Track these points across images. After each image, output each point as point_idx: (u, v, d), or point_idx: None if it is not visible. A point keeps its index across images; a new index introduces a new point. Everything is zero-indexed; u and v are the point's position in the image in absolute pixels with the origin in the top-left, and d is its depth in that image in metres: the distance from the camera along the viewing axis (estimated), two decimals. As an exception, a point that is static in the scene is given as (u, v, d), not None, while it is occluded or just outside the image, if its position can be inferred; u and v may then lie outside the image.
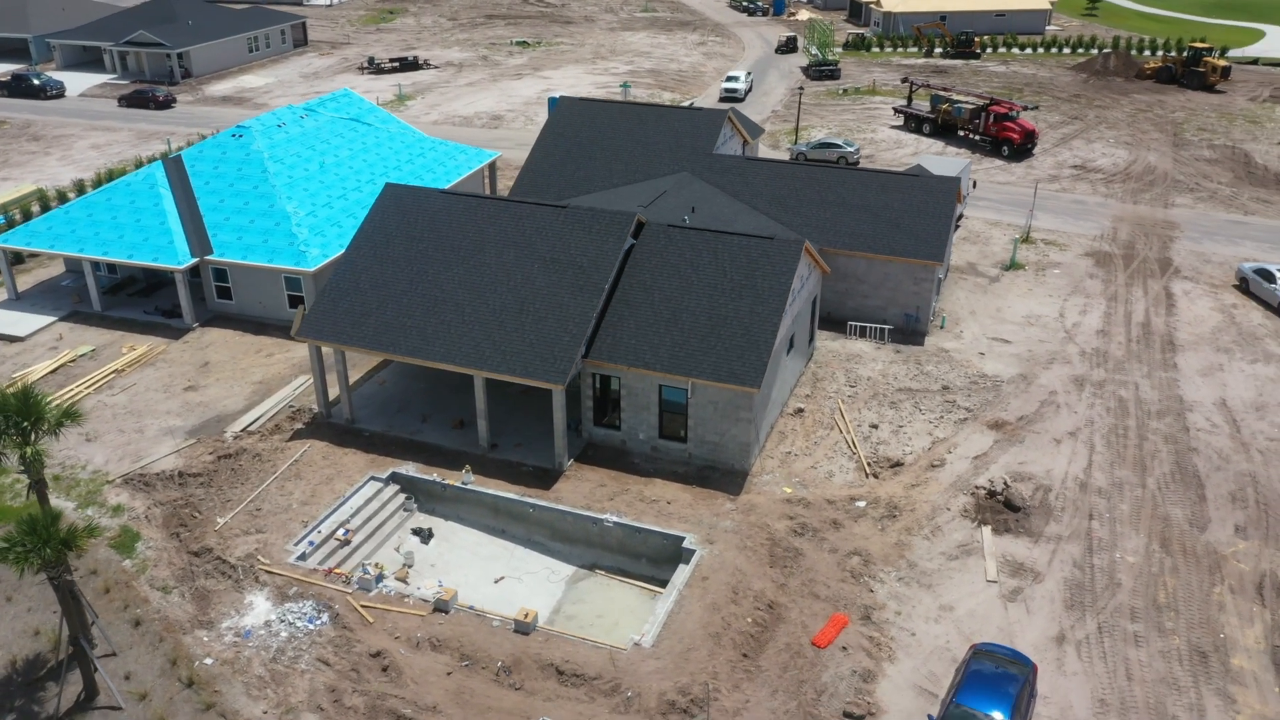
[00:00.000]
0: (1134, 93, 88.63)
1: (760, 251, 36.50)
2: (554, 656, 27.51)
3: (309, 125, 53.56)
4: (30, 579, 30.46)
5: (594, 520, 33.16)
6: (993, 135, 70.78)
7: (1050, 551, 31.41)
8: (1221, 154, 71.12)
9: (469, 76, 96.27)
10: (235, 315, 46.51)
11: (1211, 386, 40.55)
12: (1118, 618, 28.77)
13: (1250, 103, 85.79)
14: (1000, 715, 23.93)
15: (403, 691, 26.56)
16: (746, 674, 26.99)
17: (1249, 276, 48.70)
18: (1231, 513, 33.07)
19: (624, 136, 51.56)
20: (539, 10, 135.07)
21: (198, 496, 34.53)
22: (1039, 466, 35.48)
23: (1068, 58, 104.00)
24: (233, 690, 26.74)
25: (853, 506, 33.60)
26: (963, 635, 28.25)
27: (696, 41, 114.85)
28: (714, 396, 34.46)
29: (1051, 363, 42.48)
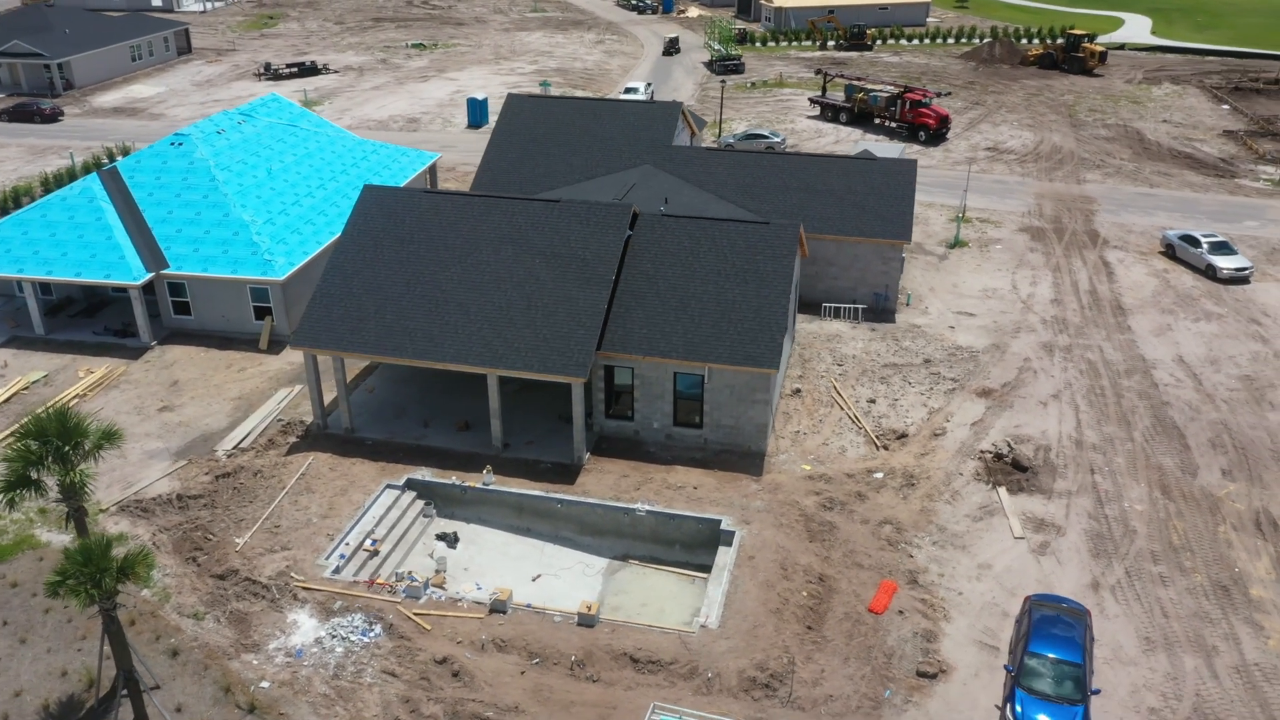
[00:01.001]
0: (1022, 78, 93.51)
1: (759, 236, 37.16)
2: (624, 646, 27.46)
3: (249, 131, 51.44)
4: (41, 618, 28.61)
5: (626, 510, 33.16)
6: (909, 121, 73.58)
7: (1064, 506, 33.15)
8: (1116, 132, 75.91)
9: (372, 80, 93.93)
10: (195, 331, 44.32)
11: (1166, 345, 43.41)
12: (1141, 561, 30.64)
13: (1128, 84, 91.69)
14: (1074, 659, 25.22)
15: (479, 694, 26.06)
16: (815, 645, 27.57)
17: (1174, 243, 52.25)
18: (1215, 458, 35.58)
19: (579, 131, 51.47)
20: (426, 12, 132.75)
21: (204, 518, 32.91)
22: (1034, 428, 37.33)
23: (953, 47, 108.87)
24: (299, 711, 25.69)
25: (872, 478, 34.64)
26: (1006, 590, 29.56)
27: (594, 40, 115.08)
28: (730, 380, 34.92)
29: (1018, 332, 44.67)
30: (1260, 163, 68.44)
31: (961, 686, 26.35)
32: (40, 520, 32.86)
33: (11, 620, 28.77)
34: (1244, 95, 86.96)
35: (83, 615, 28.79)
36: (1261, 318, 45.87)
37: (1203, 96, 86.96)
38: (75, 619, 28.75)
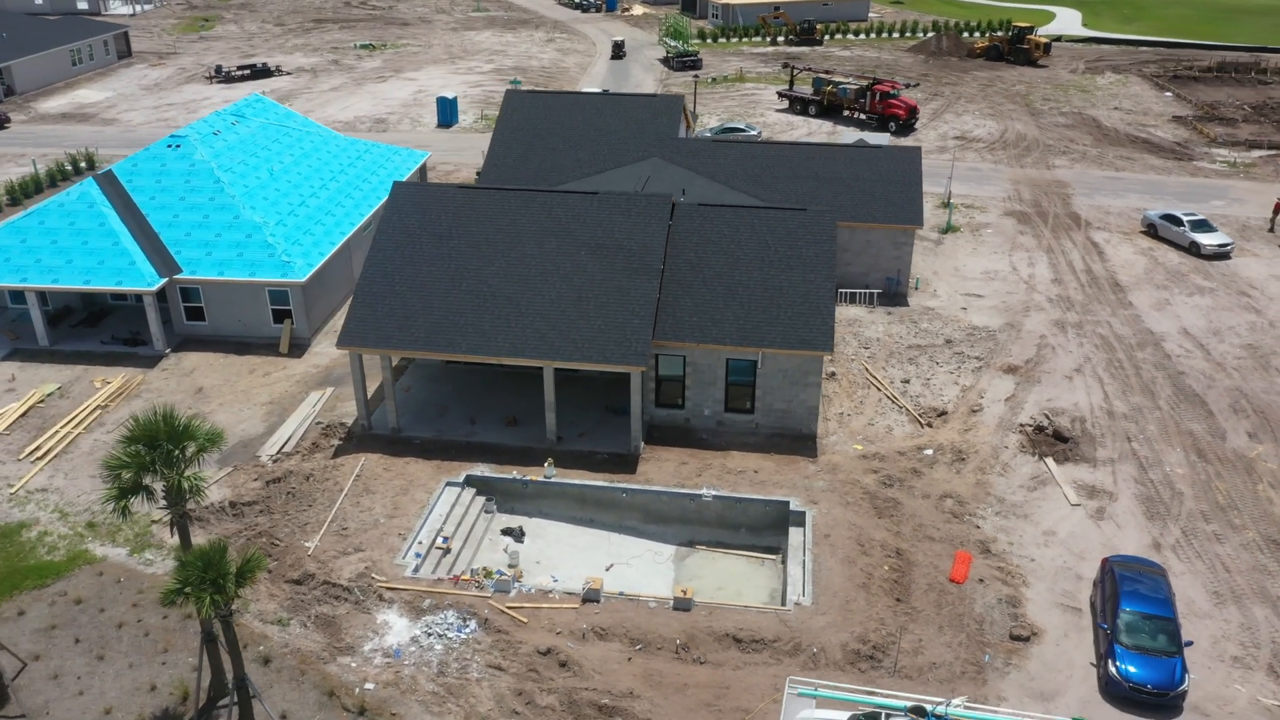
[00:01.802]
0: (972, 70, 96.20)
1: (797, 223, 37.74)
2: (725, 627, 27.72)
3: (244, 132, 50.15)
4: (114, 634, 27.67)
5: (692, 496, 33.40)
6: (879, 113, 75.18)
7: (1110, 473, 34.46)
8: (1073, 120, 78.72)
9: (329, 81, 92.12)
10: (209, 337, 43.08)
11: (1168, 319, 45.34)
12: (1193, 521, 32.05)
13: (1072, 74, 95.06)
14: (1166, 614, 26.34)
15: (590, 683, 26.05)
16: (908, 616, 28.21)
17: (1156, 222, 54.51)
18: (1239, 422, 37.36)
19: (583, 126, 51.45)
20: (367, 13, 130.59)
21: (264, 524, 32.14)
22: (1065, 401, 38.67)
23: (899, 41, 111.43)
24: (411, 710, 25.34)
25: (923, 455, 35.49)
26: (1074, 555, 30.64)
27: (545, 39, 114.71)
28: (783, 364, 35.42)
29: (1028, 311, 46.14)
30: (1213, 146, 71.76)
31: (1054, 647, 27.28)
32: (90, 534, 31.72)
33: (84, 637, 27.74)
34: (1184, 83, 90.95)
35: (162, 628, 27.97)
36: (1250, 290, 48.23)
37: (1145, 85, 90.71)
38: (152, 632, 27.90)
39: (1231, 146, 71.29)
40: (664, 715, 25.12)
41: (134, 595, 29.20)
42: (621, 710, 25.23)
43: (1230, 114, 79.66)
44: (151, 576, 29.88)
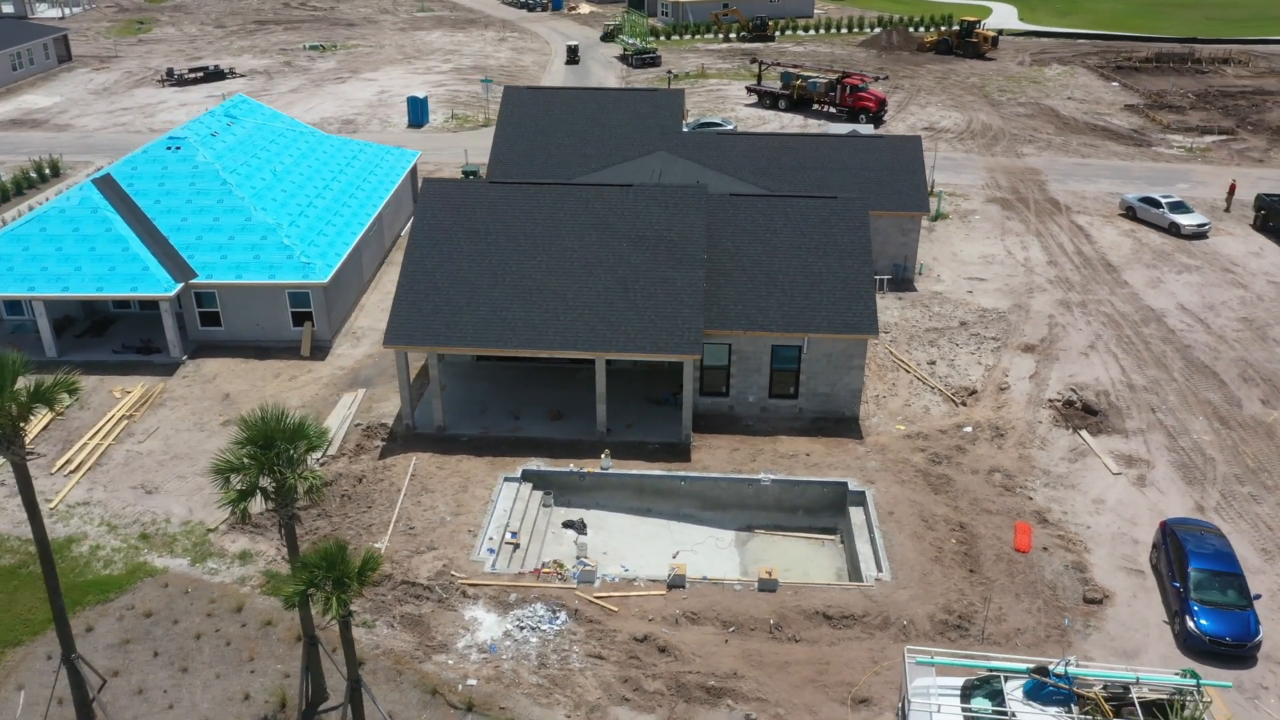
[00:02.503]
0: (925, 63, 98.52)
1: (830, 211, 38.43)
2: (813, 605, 28.21)
3: (240, 133, 49.00)
4: (194, 645, 26.99)
5: (749, 481, 33.83)
6: (849, 106, 76.63)
7: (1143, 442, 35.90)
8: (1032, 110, 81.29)
9: (287, 83, 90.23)
10: (226, 342, 42.04)
11: (1164, 296, 47.31)
12: (1229, 484, 33.61)
13: (1020, 66, 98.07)
14: (1234, 570, 27.65)
15: (693, 666, 26.28)
16: (984, 585, 29.06)
17: (1135, 205, 56.74)
18: (1249, 390, 39.24)
19: (587, 121, 51.47)
20: (309, 14, 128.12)
21: (324, 528, 31.61)
22: (1087, 376, 40.11)
23: (848, 36, 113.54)
24: (519, 704, 25.25)
25: (963, 433, 36.50)
26: (1126, 520, 31.89)
27: (497, 38, 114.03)
28: (828, 349, 36.08)
29: (1032, 292, 47.68)
30: (1167, 132, 74.85)
31: (1126, 608, 28.40)
32: (145, 546, 30.81)
33: (162, 650, 26.99)
34: (1127, 73, 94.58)
35: (243, 636, 27.36)
36: (1232, 267, 50.57)
37: (1092, 75, 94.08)
38: (234, 641, 27.27)
39: (1185, 132, 74.49)
40: (771, 693, 25.51)
41: (206, 605, 28.48)
42: (729, 691, 25.55)
43: (1177, 102, 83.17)
44: (220, 586, 29.18)
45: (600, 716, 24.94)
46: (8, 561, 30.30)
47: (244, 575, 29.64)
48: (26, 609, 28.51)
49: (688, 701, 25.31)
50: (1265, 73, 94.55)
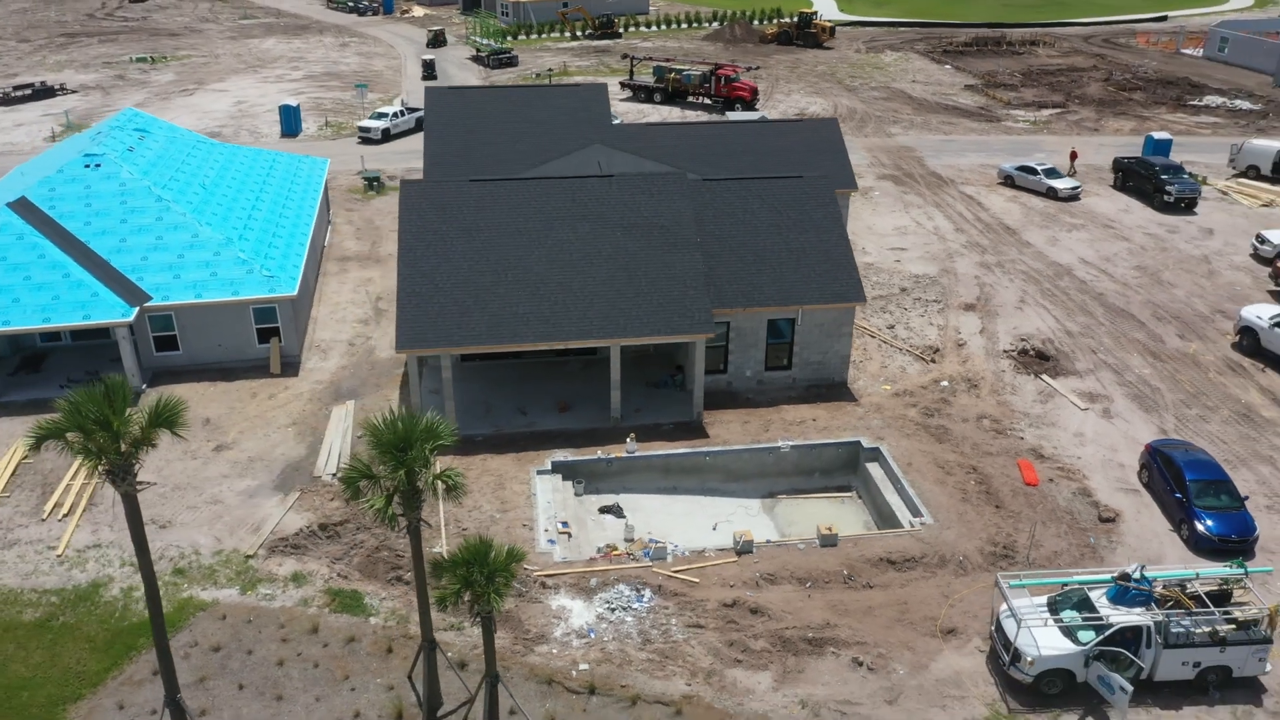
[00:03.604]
0: (773, 54, 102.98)
1: (799, 189, 40.41)
2: (874, 553, 30.04)
3: (155, 147, 46.07)
4: (277, 672, 25.93)
5: (770, 450, 35.33)
6: (724, 96, 79.41)
7: (1096, 380, 39.85)
8: (886, 93, 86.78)
9: (128, 97, 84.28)
10: (186, 367, 39.63)
11: (1065, 252, 52.23)
12: (1179, 409, 37.91)
13: (858, 54, 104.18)
14: (1224, 477, 31.47)
15: (787, 622, 27.52)
16: (1013, 518, 31.75)
17: (1012, 174, 62.02)
18: (1165, 327, 44.15)
19: (516, 118, 51.38)
20: (121, 25, 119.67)
21: (368, 541, 30.78)
22: (1028, 327, 43.94)
23: (690, 31, 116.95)
24: (637, 679, 25.74)
25: (941, 387, 39.34)
26: (1108, 448, 35.46)
27: (337, 43, 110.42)
28: (820, 319, 38.03)
29: (952, 257, 51.53)
30: (1009, 108, 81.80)
31: (1135, 522, 31.77)
32: (184, 580, 29.05)
33: (247, 682, 25.73)
34: (954, 56, 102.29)
35: (328, 656, 26.44)
36: (1111, 223, 56.33)
37: (925, 60, 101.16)
38: (321, 663, 26.33)
39: (1025, 108, 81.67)
40: (867, 636, 27.12)
41: (277, 631, 27.28)
42: (829, 639, 26.97)
43: (1008, 81, 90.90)
44: (284, 610, 27.98)
45: (719, 680, 25.82)
46: (32, 616, 27.86)
47: (305, 597, 28.53)
48: (74, 661, 26.43)
49: (795, 655, 26.57)
50: (1071, 52, 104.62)
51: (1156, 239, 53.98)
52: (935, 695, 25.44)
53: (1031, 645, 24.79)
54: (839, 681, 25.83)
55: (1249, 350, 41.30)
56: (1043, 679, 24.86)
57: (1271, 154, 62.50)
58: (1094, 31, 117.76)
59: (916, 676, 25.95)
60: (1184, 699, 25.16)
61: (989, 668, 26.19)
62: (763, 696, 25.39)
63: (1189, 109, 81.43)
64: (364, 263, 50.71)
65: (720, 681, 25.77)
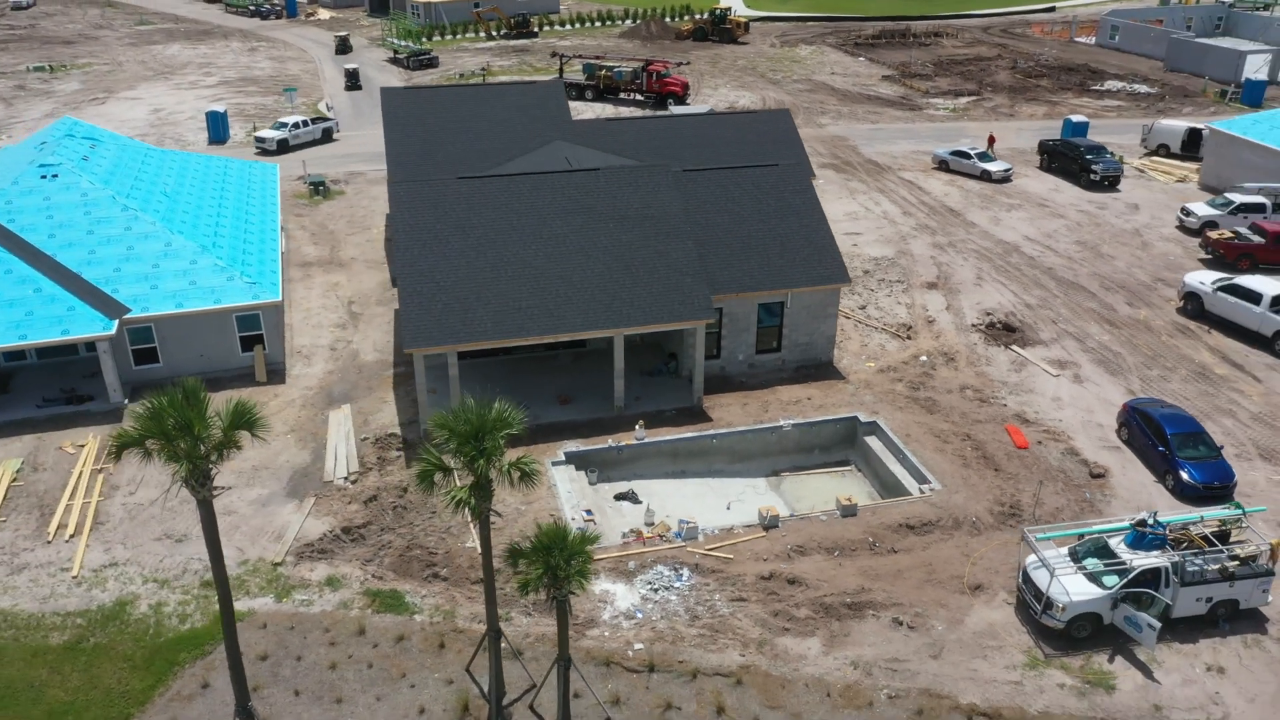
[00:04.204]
0: (691, 50, 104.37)
1: (776, 177, 41.58)
2: (893, 519, 31.35)
3: (109, 155, 44.48)
4: (330, 675, 25.75)
5: (772, 430, 36.36)
6: (656, 91, 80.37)
7: (1062, 348, 42.14)
8: (810, 85, 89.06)
9: (35, 108, 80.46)
10: (168, 379, 38.11)
11: (1009, 231, 54.82)
12: (1141, 370, 40.42)
13: (773, 48, 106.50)
14: (1200, 429, 33.81)
15: (824, 590, 28.55)
16: (1012, 479, 33.49)
17: (947, 159, 64.63)
18: (1114, 296, 46.89)
19: (473, 117, 51.29)
20: (8, 33, 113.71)
21: (397, 541, 30.66)
22: (990, 302, 46.10)
23: (604, 29, 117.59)
24: (692, 654, 26.40)
25: (920, 362, 41.04)
26: (1085, 410, 37.61)
27: (245, 48, 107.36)
28: (807, 301, 39.25)
29: (905, 239, 53.55)
30: (928, 97, 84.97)
31: (1123, 476, 33.89)
32: (212, 593, 28.37)
33: (303, 688, 25.47)
34: (865, 48, 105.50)
35: (382, 656, 26.33)
36: (1045, 202, 59.31)
37: (839, 53, 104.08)
38: (375, 663, 26.23)
39: (942, 96, 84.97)
40: (901, 597, 28.35)
41: (322, 636, 27.00)
42: (867, 603, 28.11)
43: (922, 71, 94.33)
44: (325, 615, 27.69)
45: (770, 648, 26.69)
46: (60, 640, 26.90)
47: (344, 600, 28.28)
48: (115, 681, 25.68)
49: (838, 620, 27.62)
50: (975, 43, 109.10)
51: (1089, 215, 57.13)
52: (975, 647, 26.83)
53: (1062, 593, 26.40)
54: (884, 641, 27.00)
55: (1193, 314, 44.29)
56: (1073, 624, 26.50)
57: (1180, 133, 66.77)
58: (991, 23, 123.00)
59: (954, 631, 27.32)
60: (1199, 633, 27.15)
61: (1019, 618, 27.74)
62: (815, 661, 26.37)
63: (1093, 93, 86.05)
64: (327, 268, 49.90)
65: (772, 650, 26.64)
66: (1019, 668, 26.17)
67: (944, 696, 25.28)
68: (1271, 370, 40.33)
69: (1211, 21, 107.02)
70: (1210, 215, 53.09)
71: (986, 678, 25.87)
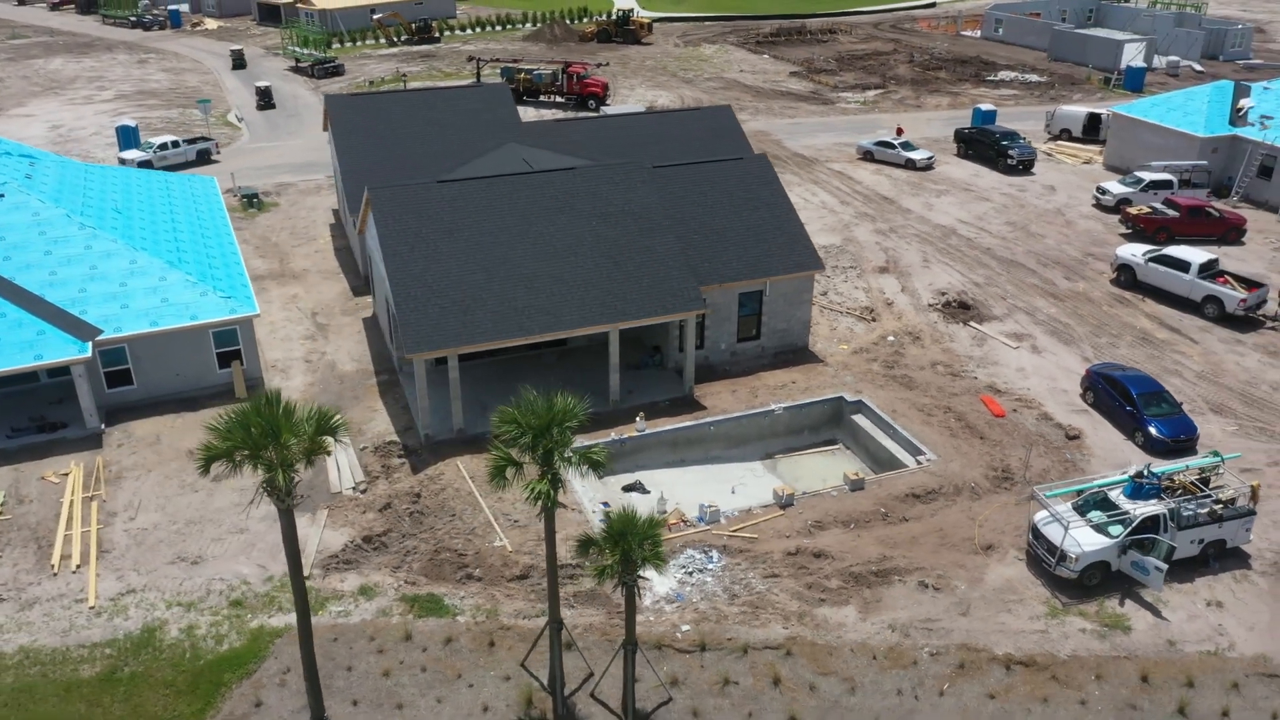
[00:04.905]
0: (598, 52, 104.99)
1: (742, 170, 42.78)
2: (898, 490, 32.84)
3: (51, 173, 42.51)
4: (383, 682, 25.66)
5: (765, 414, 37.49)
6: (577, 93, 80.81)
7: (1015, 322, 44.60)
8: (722, 83, 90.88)
9: (-84, 129, 75.71)
10: (142, 401, 37.15)
11: (943, 215, 57.44)
12: (1092, 338, 43.12)
13: (677, 48, 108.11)
14: (1161, 389, 36.44)
15: (848, 561, 29.77)
16: (999, 445, 35.44)
17: (872, 150, 67.14)
18: (1051, 271, 49.79)
19: (422, 121, 50.87)
20: None
21: (421, 547, 30.54)
22: (941, 283, 48.35)
23: (505, 33, 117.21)
24: (738, 631, 27.27)
25: (889, 342, 42.85)
26: (1048, 378, 39.97)
27: (134, 61, 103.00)
28: (784, 289, 40.52)
29: (848, 227, 55.55)
30: (837, 91, 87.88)
31: (1094, 435, 36.25)
32: (244, 611, 27.80)
33: (361, 697, 25.31)
34: (769, 46, 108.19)
35: (436, 659, 26.31)
36: (969, 187, 62.32)
37: (743, 51, 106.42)
38: (429, 667, 26.24)
39: (850, 90, 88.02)
40: (921, 562, 29.81)
41: (368, 645, 26.77)
42: (892, 570, 29.46)
43: (826, 67, 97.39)
44: (367, 624, 27.45)
45: (810, 619, 27.75)
46: (91, 672, 25.92)
47: (382, 608, 28.07)
48: (161, 709, 24.97)
49: (869, 587, 28.90)
50: (869, 38, 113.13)
51: (1012, 198, 60.38)
52: (998, 603, 28.47)
53: (1075, 545, 28.29)
54: (914, 604, 28.40)
55: (1127, 284, 47.49)
56: (1085, 573, 28.41)
57: (1081, 118, 71.07)
58: (881, 19, 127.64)
59: (976, 589, 28.92)
60: (1193, 572, 29.44)
61: (1032, 572, 29.53)
62: (855, 627, 27.56)
63: (989, 84, 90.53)
64: (280, 280, 48.77)
65: (813, 620, 27.71)
66: (1041, 618, 27.93)
67: (980, 650, 26.81)
68: (1205, 332, 43.67)
69: (1084, 13, 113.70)
70: (1125, 193, 56.87)
71: (1014, 629, 27.54)
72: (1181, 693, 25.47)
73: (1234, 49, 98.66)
